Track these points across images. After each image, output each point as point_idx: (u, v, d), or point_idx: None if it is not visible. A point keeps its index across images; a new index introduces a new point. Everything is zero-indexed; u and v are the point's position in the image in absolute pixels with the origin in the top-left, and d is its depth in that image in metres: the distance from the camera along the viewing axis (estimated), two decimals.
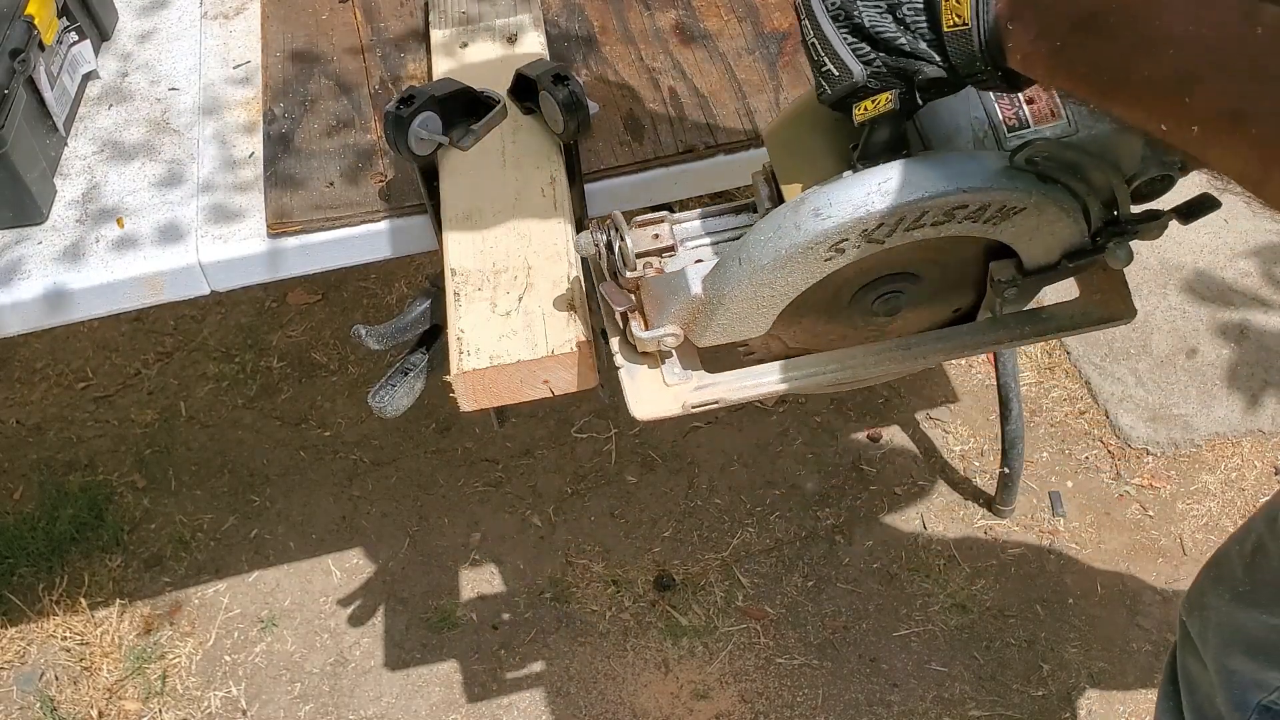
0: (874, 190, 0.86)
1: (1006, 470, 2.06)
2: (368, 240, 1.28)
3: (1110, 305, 1.06)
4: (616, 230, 0.97)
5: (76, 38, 1.44)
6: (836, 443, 2.25)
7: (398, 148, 1.17)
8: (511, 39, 1.37)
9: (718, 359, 1.04)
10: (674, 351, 1.02)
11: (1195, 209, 0.98)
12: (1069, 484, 2.18)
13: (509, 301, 1.11)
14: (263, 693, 2.00)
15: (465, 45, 1.37)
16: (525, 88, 1.25)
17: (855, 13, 0.82)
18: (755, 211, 1.03)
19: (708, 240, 1.02)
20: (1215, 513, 2.12)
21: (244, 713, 1.98)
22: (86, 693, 2.01)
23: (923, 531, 2.12)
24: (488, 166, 1.23)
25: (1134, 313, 1.07)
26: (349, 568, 2.14)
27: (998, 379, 1.98)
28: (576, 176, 1.23)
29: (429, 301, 1.34)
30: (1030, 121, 0.91)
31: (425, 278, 2.55)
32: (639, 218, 1.01)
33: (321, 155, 1.33)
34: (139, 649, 2.05)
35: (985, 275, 1.01)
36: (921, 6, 0.80)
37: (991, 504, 2.14)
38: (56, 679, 2.03)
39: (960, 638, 2.00)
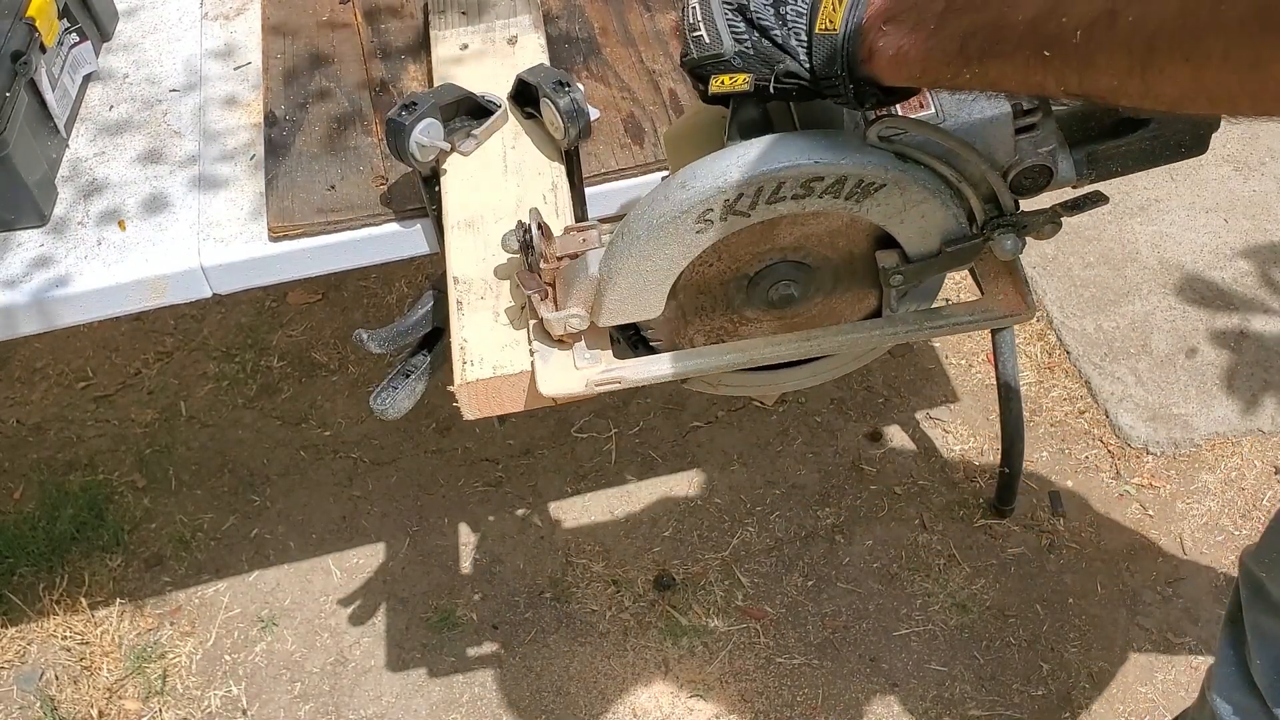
0: (732, 162, 0.91)
1: (1006, 470, 2.06)
2: (369, 244, 1.28)
3: (1008, 303, 1.08)
4: (538, 228, 1.03)
5: (77, 39, 1.44)
6: (836, 443, 2.25)
7: (399, 154, 1.17)
8: (512, 41, 1.37)
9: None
10: (584, 337, 1.06)
11: (1081, 203, 1.00)
12: (1069, 483, 2.18)
13: (512, 310, 1.11)
14: (263, 692, 2.00)
15: (465, 47, 1.37)
16: (526, 93, 1.24)
17: None
18: None
19: None
20: (1215, 512, 2.12)
21: (244, 712, 1.99)
22: (87, 692, 2.01)
23: (923, 531, 2.13)
24: (489, 172, 1.23)
25: (1032, 311, 1.09)
26: (349, 568, 2.14)
27: (998, 379, 1.98)
28: (578, 182, 1.23)
29: (430, 304, 1.34)
30: (899, 109, 0.93)
31: (425, 278, 2.55)
32: (570, 225, 1.06)
33: (322, 158, 1.33)
34: (139, 648, 2.05)
35: (876, 276, 1.04)
36: (804, 10, 0.84)
37: (992, 504, 2.14)
38: (57, 678, 2.03)
39: (960, 637, 2.00)
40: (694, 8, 0.89)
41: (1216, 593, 2.02)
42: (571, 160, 1.22)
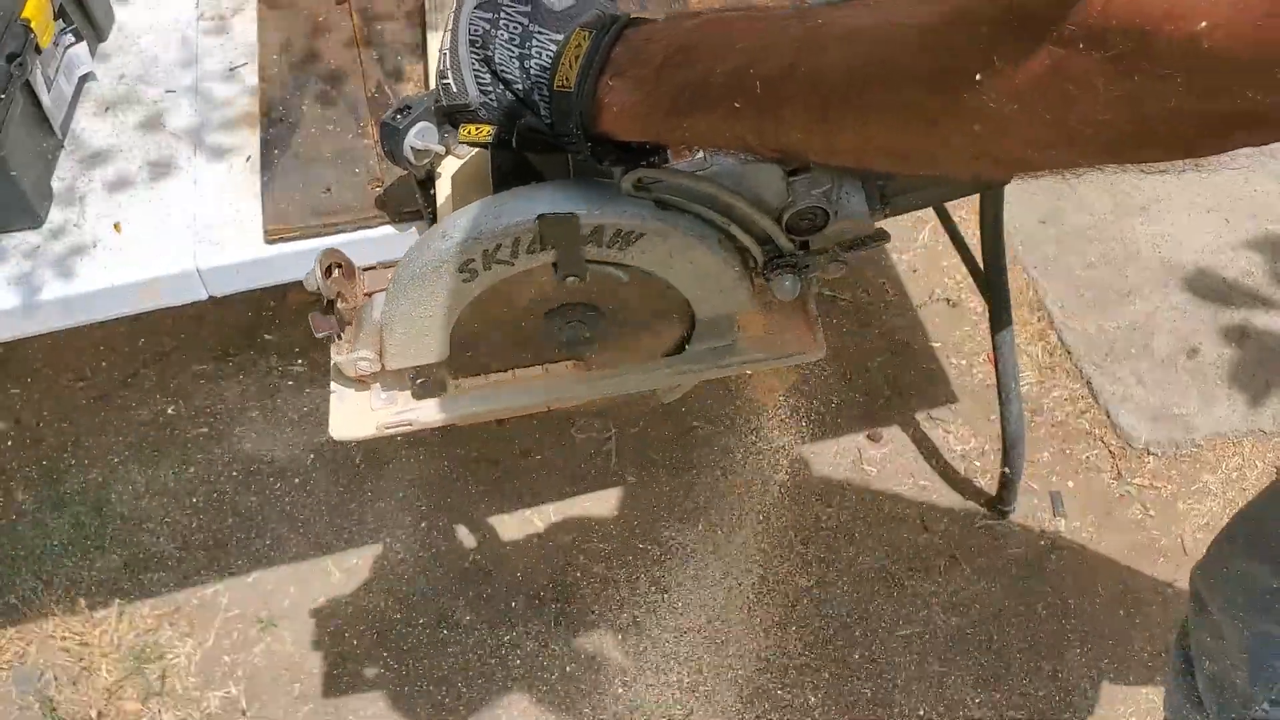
0: (487, 213, 0.91)
1: (1007, 470, 2.05)
2: (364, 247, 1.27)
3: (799, 342, 1.09)
4: (335, 267, 1.03)
5: (73, 40, 1.44)
6: (836, 443, 2.24)
7: (393, 158, 1.16)
8: None
9: None
10: (382, 378, 1.06)
11: (861, 242, 1.00)
12: (1070, 484, 2.17)
13: None
14: (262, 693, 2.00)
15: None
16: None
17: (491, 45, 0.87)
18: None
19: None
20: (1216, 513, 2.12)
21: (243, 713, 1.98)
22: (85, 693, 2.01)
23: (923, 532, 2.12)
24: (485, 176, 1.22)
25: (821, 349, 1.10)
26: (349, 568, 2.14)
27: (998, 379, 1.97)
28: None
29: None
30: (671, 157, 0.93)
31: None
32: (384, 261, 1.07)
33: (318, 160, 1.32)
34: (138, 649, 2.05)
35: (687, 307, 1.04)
36: (547, 66, 0.85)
37: (992, 504, 2.13)
38: (55, 679, 2.03)
39: (961, 638, 2.00)
40: (445, 53, 0.89)
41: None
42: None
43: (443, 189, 1.08)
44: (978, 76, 0.59)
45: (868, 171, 0.96)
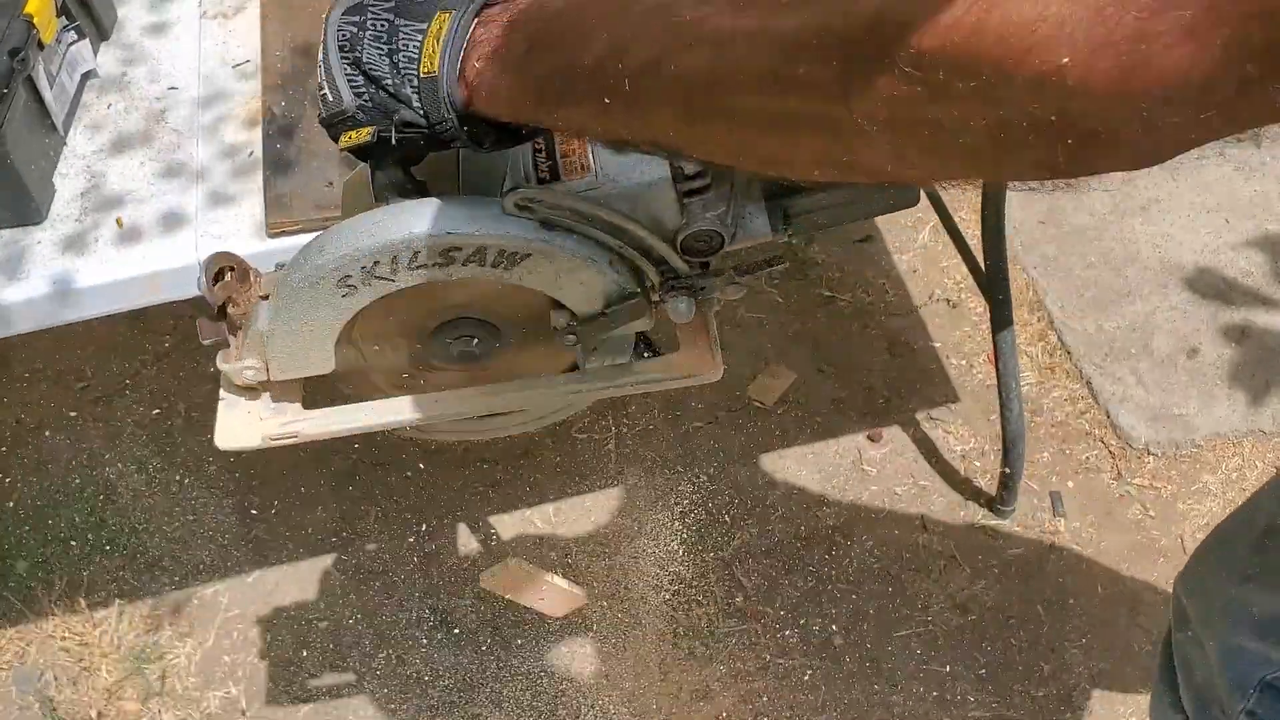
0: (365, 229, 0.89)
1: (1007, 470, 2.06)
2: None
3: (695, 363, 1.06)
4: (223, 272, 1.00)
5: (75, 37, 1.44)
6: (836, 443, 2.24)
7: None
8: None
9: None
10: (269, 387, 1.05)
11: (755, 266, 0.98)
12: (1070, 484, 2.17)
13: None
14: (262, 693, 2.00)
15: None
16: None
17: (359, 47, 0.85)
18: None
19: None
20: (1216, 513, 2.12)
21: (243, 713, 1.98)
22: (85, 693, 2.00)
23: (923, 531, 2.12)
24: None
25: (718, 371, 1.07)
26: (349, 568, 2.14)
27: (998, 379, 1.98)
28: None
29: None
30: (562, 174, 0.91)
31: None
32: (280, 265, 1.04)
33: (321, 155, 1.32)
34: (138, 649, 2.05)
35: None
36: (415, 56, 0.83)
37: (992, 504, 2.13)
38: (55, 679, 2.03)
39: (961, 638, 2.00)
40: (320, 63, 0.87)
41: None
42: None
43: (346, 201, 1.05)
44: (838, 91, 0.59)
45: (764, 180, 0.94)
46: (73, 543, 2.18)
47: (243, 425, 1.06)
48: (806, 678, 1.97)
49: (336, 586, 2.11)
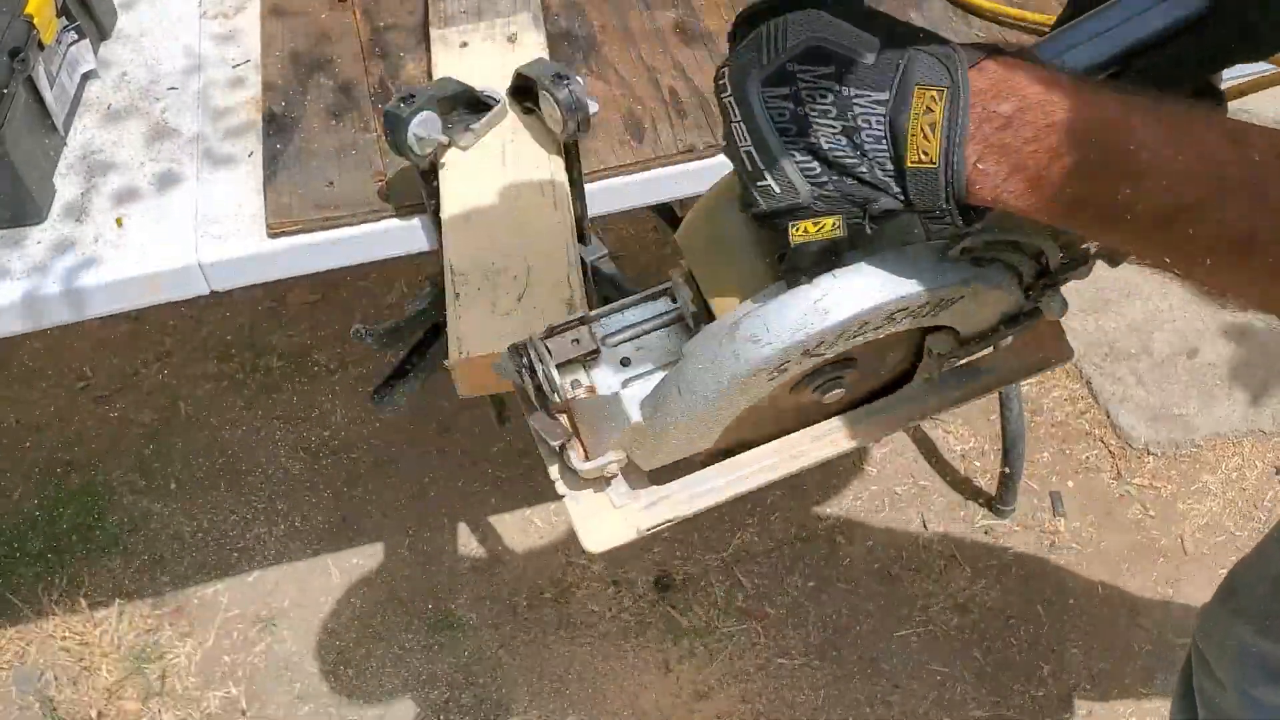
0: (811, 310, 0.81)
1: (1007, 470, 2.06)
2: (367, 240, 1.27)
3: (1047, 349, 1.03)
4: (536, 353, 0.92)
5: (76, 37, 1.44)
6: None
7: (397, 147, 1.17)
8: (511, 39, 1.37)
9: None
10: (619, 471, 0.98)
11: (1120, 253, 0.94)
12: (1070, 484, 2.18)
13: (508, 302, 1.11)
14: (262, 693, 2.00)
15: (465, 45, 1.37)
16: (525, 88, 1.24)
17: (811, 131, 0.75)
18: (674, 300, 0.98)
19: (629, 335, 0.98)
20: (1216, 512, 2.12)
21: (243, 713, 1.98)
22: (86, 693, 2.00)
23: (923, 531, 2.12)
24: (488, 166, 1.23)
25: (1070, 353, 1.04)
26: (349, 568, 2.14)
27: None
28: (576, 176, 1.23)
29: (429, 301, 1.34)
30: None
31: (425, 277, 2.55)
32: (556, 324, 0.96)
33: (321, 155, 1.32)
34: (138, 649, 2.05)
35: (921, 342, 0.97)
36: (882, 135, 0.74)
37: (992, 504, 2.13)
38: (56, 679, 2.03)
39: (961, 638, 2.00)
40: (748, 152, 0.77)
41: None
42: (570, 154, 1.22)
43: (690, 259, 0.94)
44: None
45: None
46: (73, 543, 2.18)
47: (606, 521, 0.96)
48: (806, 678, 1.97)
49: (336, 586, 2.11)
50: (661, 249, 2.56)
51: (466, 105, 1.24)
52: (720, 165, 1.30)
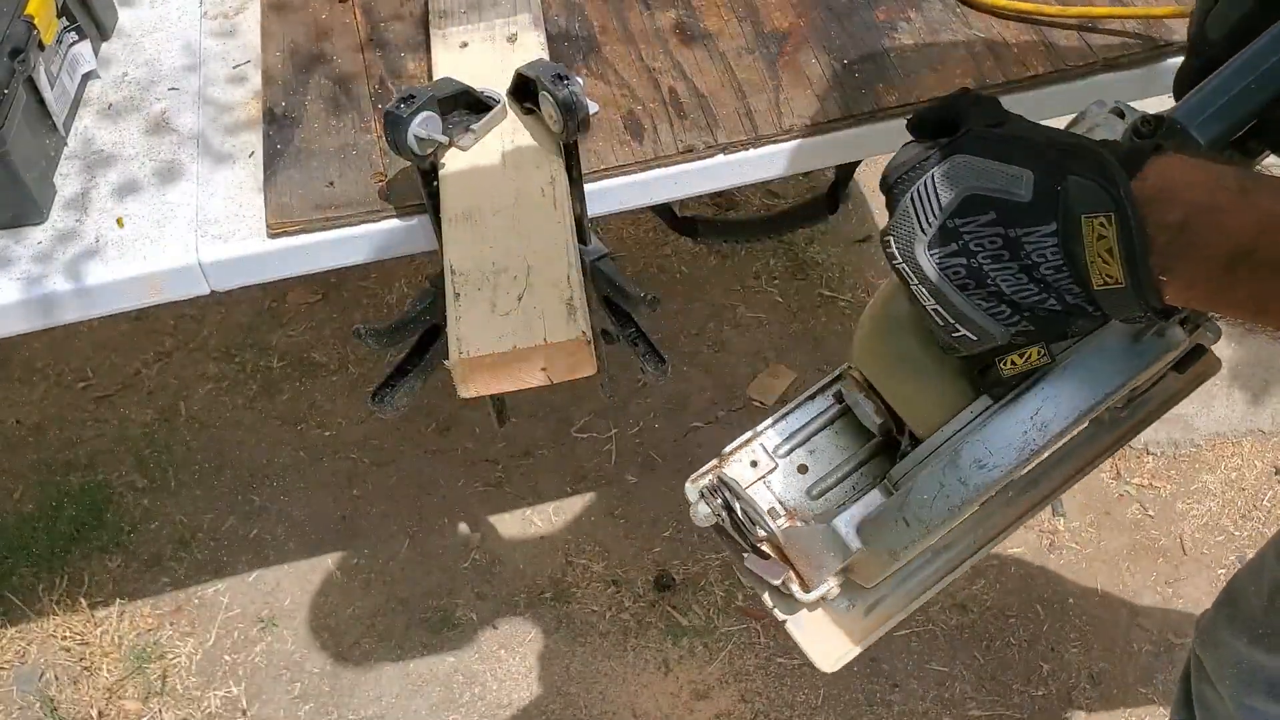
0: (1030, 427, 0.82)
1: None
2: (368, 240, 1.28)
3: (1200, 364, 1.02)
4: (729, 490, 0.93)
5: (76, 37, 1.44)
6: None
7: (397, 148, 1.17)
8: (511, 39, 1.37)
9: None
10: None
11: None
12: None
13: (509, 301, 1.11)
14: (263, 692, 2.00)
15: (465, 45, 1.37)
16: (525, 88, 1.24)
17: (988, 280, 0.76)
18: (839, 400, 1.00)
19: (798, 441, 1.01)
20: (1215, 512, 2.12)
21: (244, 713, 1.98)
22: (86, 693, 2.00)
23: None
24: (487, 166, 1.23)
25: (1219, 364, 1.04)
26: (349, 568, 2.14)
27: None
28: (576, 176, 1.23)
29: (429, 301, 1.34)
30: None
31: (425, 278, 2.55)
32: (725, 451, 0.97)
33: (321, 155, 1.32)
34: (139, 649, 2.05)
35: None
36: (1060, 264, 0.74)
37: None
38: (56, 679, 2.03)
39: (961, 638, 2.00)
40: (935, 309, 0.79)
41: (1216, 594, 2.02)
42: (570, 154, 1.22)
43: (871, 371, 0.95)
44: None
45: None
46: (73, 543, 2.19)
47: (832, 637, 0.97)
48: (806, 677, 1.97)
49: (337, 586, 2.12)
50: (661, 249, 2.56)
51: (466, 105, 1.24)
52: (720, 165, 1.30)
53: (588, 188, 1.26)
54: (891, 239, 0.79)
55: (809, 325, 2.41)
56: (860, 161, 1.70)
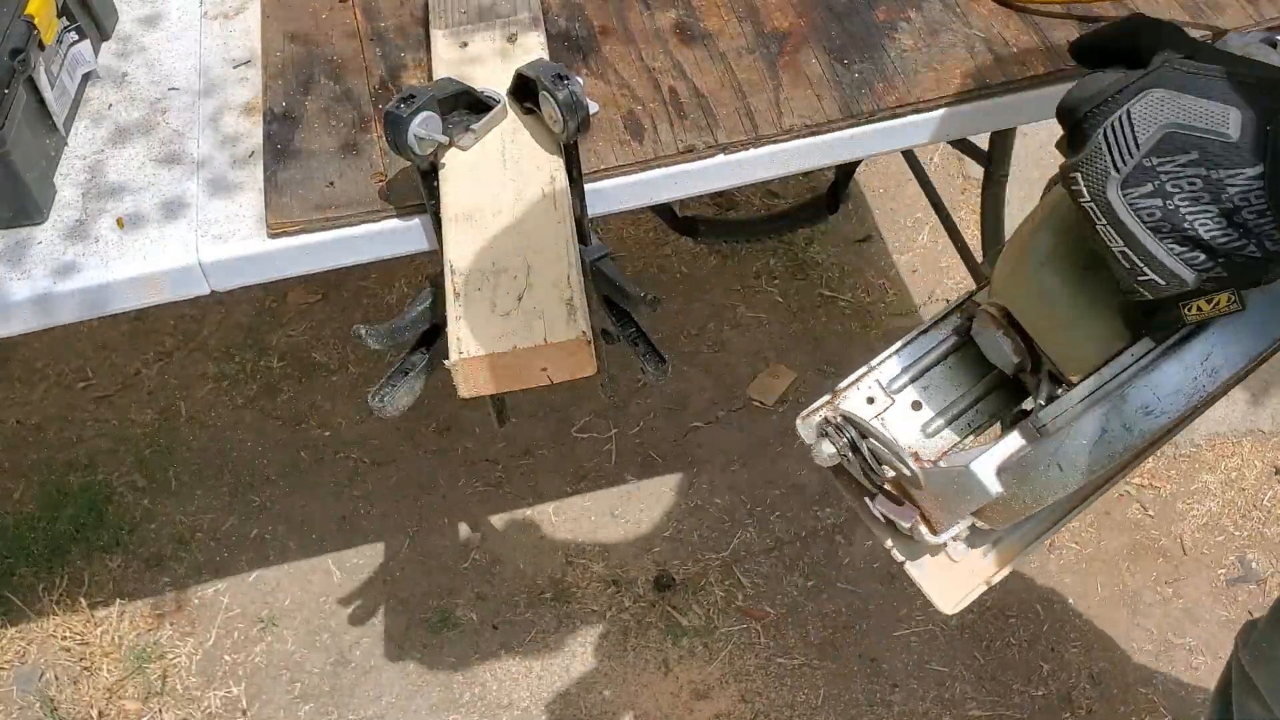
0: (1200, 373, 0.79)
1: None
2: (368, 240, 1.28)
3: None
4: (855, 428, 0.89)
5: (76, 37, 1.44)
6: None
7: (397, 147, 1.17)
8: (511, 39, 1.37)
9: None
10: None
11: None
12: None
13: (509, 301, 1.11)
14: (263, 693, 2.00)
15: (465, 45, 1.37)
16: (525, 88, 1.24)
17: (1184, 224, 0.72)
18: (958, 335, 0.96)
19: (911, 376, 0.97)
20: (1215, 512, 2.12)
21: (244, 713, 1.98)
22: (86, 693, 2.00)
23: None
24: (487, 166, 1.23)
25: None
26: (349, 568, 2.14)
27: None
28: (576, 176, 1.23)
29: (429, 301, 1.34)
30: None
31: (425, 277, 2.55)
32: (840, 387, 0.93)
33: (321, 155, 1.32)
34: (139, 649, 2.05)
35: None
36: (1264, 208, 0.70)
37: None
38: (56, 679, 2.03)
39: (960, 638, 2.00)
40: (1123, 251, 0.75)
41: (1216, 593, 2.02)
42: (570, 154, 1.22)
43: (1018, 307, 0.90)
44: None
45: None
46: (73, 543, 2.19)
47: (954, 579, 0.96)
48: (806, 678, 1.97)
49: (337, 586, 2.12)
50: (661, 249, 2.57)
51: (466, 105, 1.24)
52: (720, 166, 1.30)
53: (588, 188, 1.26)
54: (1079, 175, 0.75)
55: (809, 325, 2.41)
56: (860, 161, 1.70)
